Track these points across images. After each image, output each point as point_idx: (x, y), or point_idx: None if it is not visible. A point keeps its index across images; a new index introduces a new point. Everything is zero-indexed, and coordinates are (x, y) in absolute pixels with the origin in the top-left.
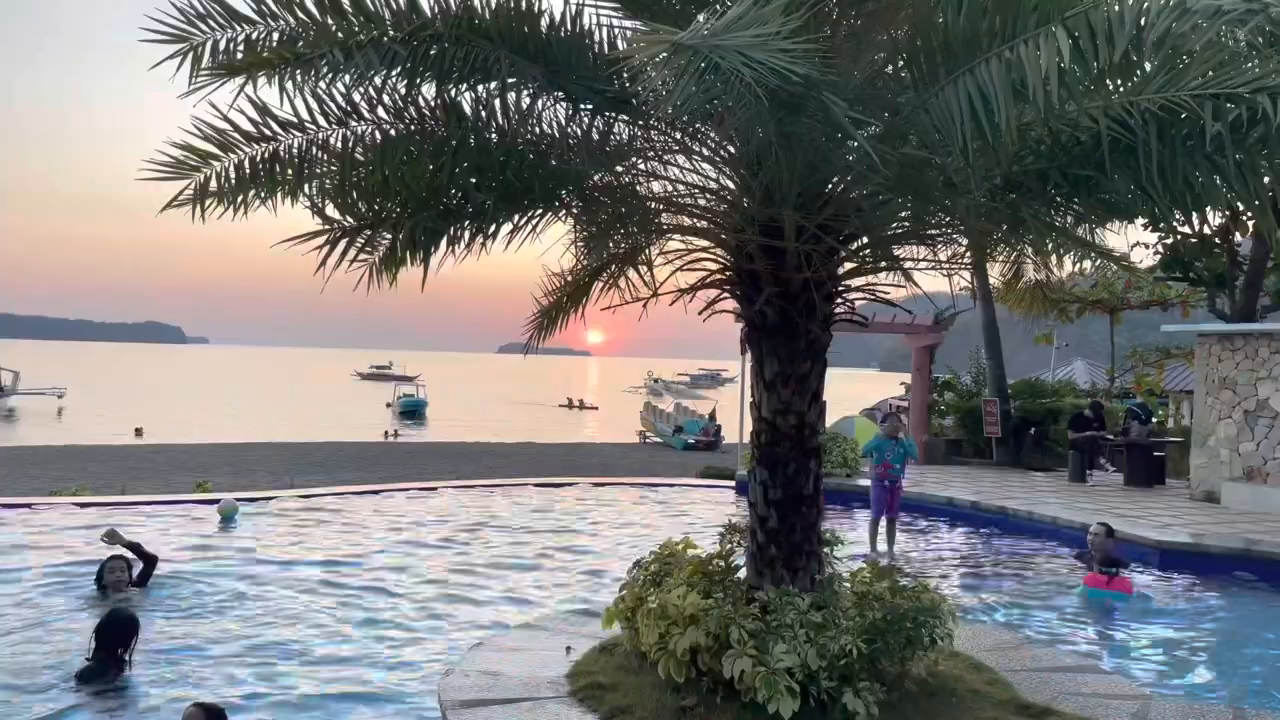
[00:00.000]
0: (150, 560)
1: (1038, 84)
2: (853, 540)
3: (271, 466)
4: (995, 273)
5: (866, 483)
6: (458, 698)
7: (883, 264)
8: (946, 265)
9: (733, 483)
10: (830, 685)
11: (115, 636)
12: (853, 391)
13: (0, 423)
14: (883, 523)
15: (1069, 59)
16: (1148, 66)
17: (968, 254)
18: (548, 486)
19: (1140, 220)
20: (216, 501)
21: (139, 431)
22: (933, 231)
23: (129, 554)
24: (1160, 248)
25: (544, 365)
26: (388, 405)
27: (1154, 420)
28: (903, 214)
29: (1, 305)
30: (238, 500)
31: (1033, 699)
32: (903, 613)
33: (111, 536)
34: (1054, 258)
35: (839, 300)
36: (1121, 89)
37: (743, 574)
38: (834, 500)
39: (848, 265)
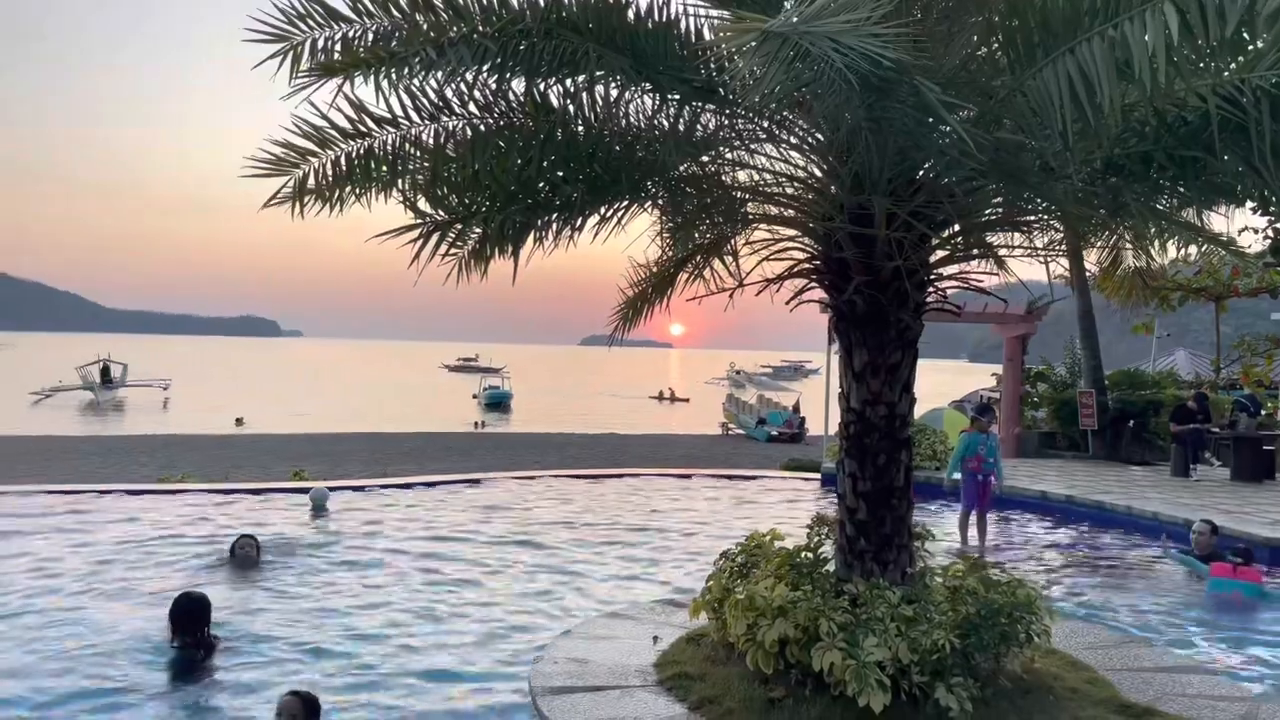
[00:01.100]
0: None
1: (1143, 62)
2: (943, 535)
3: (364, 456)
4: (1092, 260)
5: (957, 476)
6: (547, 684)
7: (975, 251)
8: (1041, 252)
9: (818, 475)
10: (922, 680)
11: (192, 618)
12: (941, 383)
13: (110, 413)
14: (973, 518)
15: (1177, 36)
16: (1260, 43)
17: (1064, 240)
18: (631, 477)
19: (1249, 203)
20: (308, 490)
21: (239, 421)
22: (1028, 217)
23: (258, 534)
24: (1270, 232)
25: (627, 357)
26: (474, 397)
27: (1263, 413)
28: (997, 200)
29: (109, 301)
30: (330, 489)
31: (1134, 699)
32: (997, 607)
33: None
34: (1155, 243)
35: (930, 288)
36: (1232, 66)
37: (831, 567)
38: (923, 494)
39: (939, 253)
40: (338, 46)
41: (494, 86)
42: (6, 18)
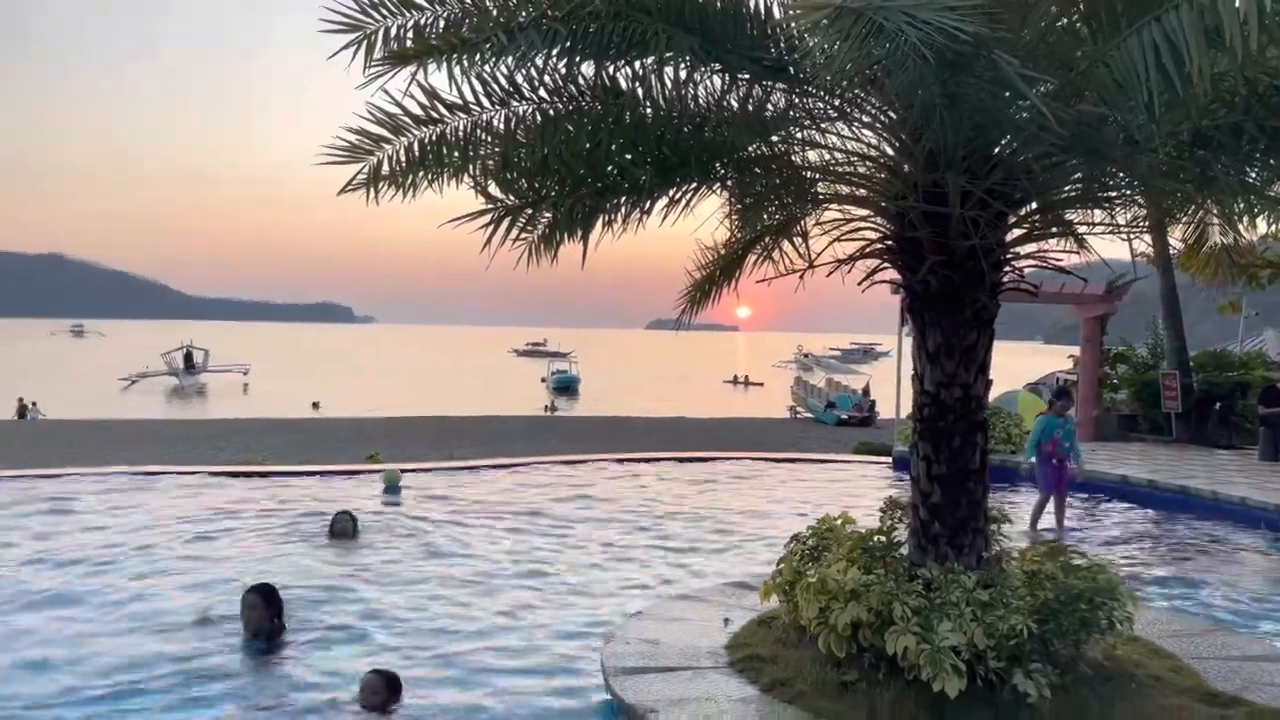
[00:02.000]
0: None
1: (1234, 29)
2: (1020, 519)
3: (436, 439)
4: (1176, 236)
5: (1034, 460)
6: (620, 665)
7: (1054, 229)
8: (1123, 229)
9: (889, 459)
10: (999, 666)
11: (269, 602)
12: (1015, 365)
13: (194, 398)
14: (1051, 505)
15: (1270, 0)
16: None
17: (1146, 217)
18: (699, 461)
19: None
20: (381, 471)
21: (315, 405)
22: (1109, 193)
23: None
24: None
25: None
26: (542, 381)
27: None
28: (1076, 176)
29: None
30: (404, 470)
31: (1220, 687)
32: (1077, 593)
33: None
34: (1244, 219)
35: (1007, 268)
36: None
37: (904, 550)
38: (998, 478)
39: (1016, 231)
40: (410, 34)
41: (563, 70)
42: (87, 13)
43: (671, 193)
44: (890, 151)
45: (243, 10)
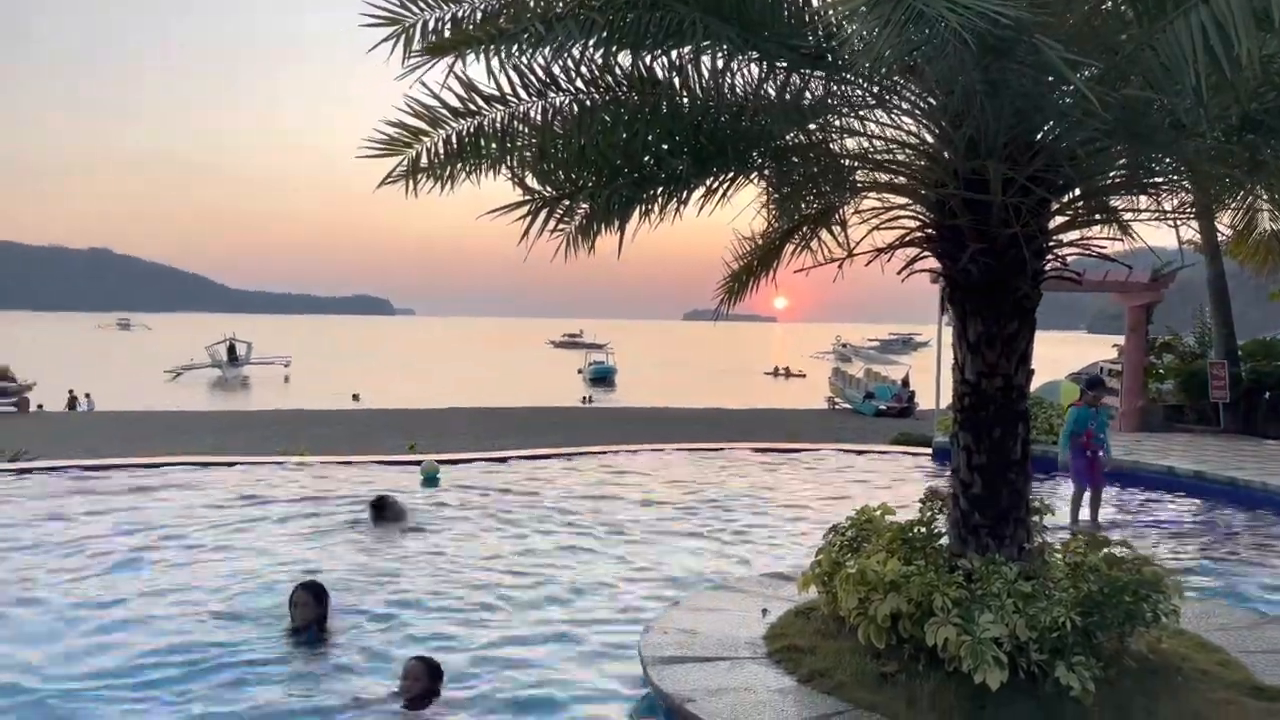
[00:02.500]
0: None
1: None
2: (1065, 511)
3: (474, 430)
4: (1224, 223)
5: (1066, 452)
6: (657, 654)
7: (1098, 216)
8: (1169, 216)
9: (929, 449)
10: (1041, 658)
11: (318, 599)
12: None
13: (237, 389)
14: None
15: None
16: None
17: (1194, 203)
18: (734, 450)
19: None
20: (419, 463)
21: (356, 397)
22: (1155, 179)
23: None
24: None
25: (730, 332)
26: (579, 372)
27: None
28: (1121, 161)
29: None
30: (443, 460)
31: (1270, 682)
32: (1121, 585)
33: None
34: None
35: (1049, 255)
36: None
37: (944, 541)
38: (1039, 469)
39: (1059, 218)
40: (448, 26)
41: (600, 61)
42: (132, 12)
43: (709, 182)
44: (930, 138)
45: (283, 6)
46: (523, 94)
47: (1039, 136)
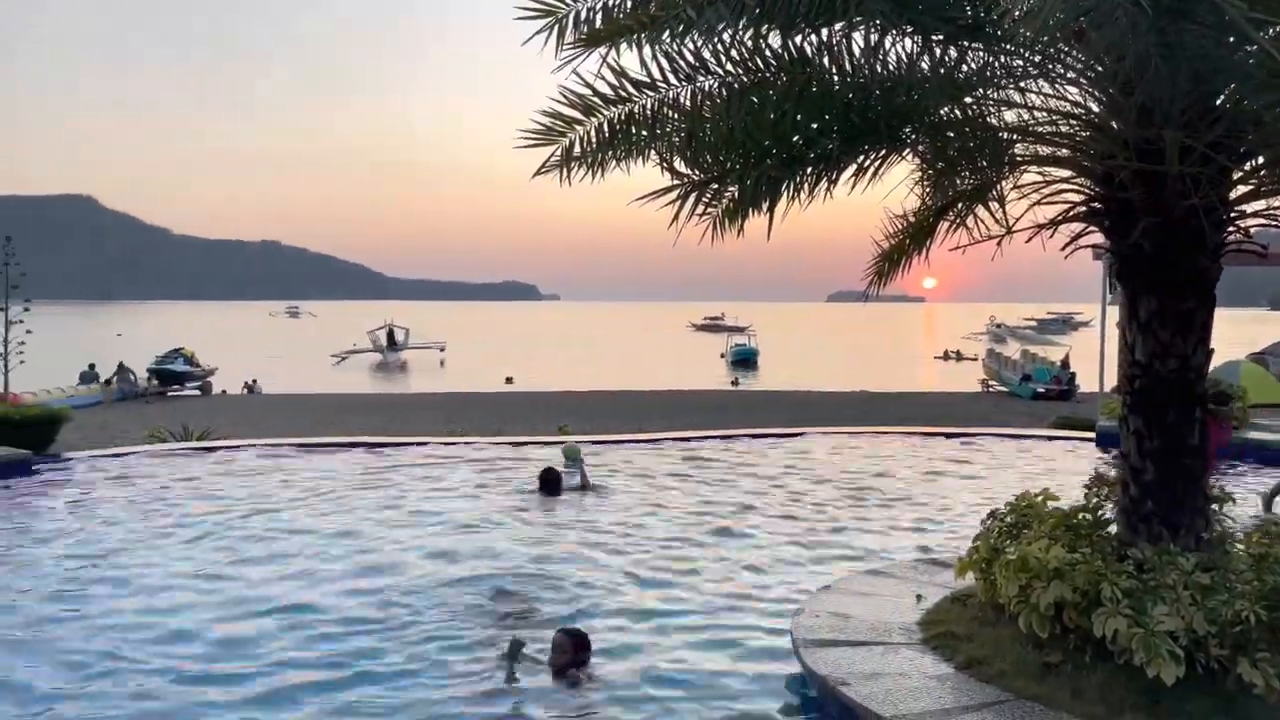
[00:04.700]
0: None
1: None
2: (1244, 499)
3: (619, 413)
4: None
5: (1258, 435)
6: (809, 637)
7: None
8: None
9: (1092, 434)
10: (1221, 653)
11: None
12: (1236, 334)
13: (396, 373)
14: None
15: None
16: None
17: None
18: (886, 434)
19: None
20: (562, 442)
21: (509, 380)
22: None
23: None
24: None
25: (877, 313)
26: (721, 355)
27: None
28: None
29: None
30: (593, 441)
31: None
32: None
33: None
34: None
35: (1230, 227)
36: None
37: (1112, 529)
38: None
39: (1241, 188)
40: (599, 16)
41: (750, 43)
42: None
43: (859, 160)
44: (1096, 107)
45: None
46: (672, 79)
47: (1219, 101)
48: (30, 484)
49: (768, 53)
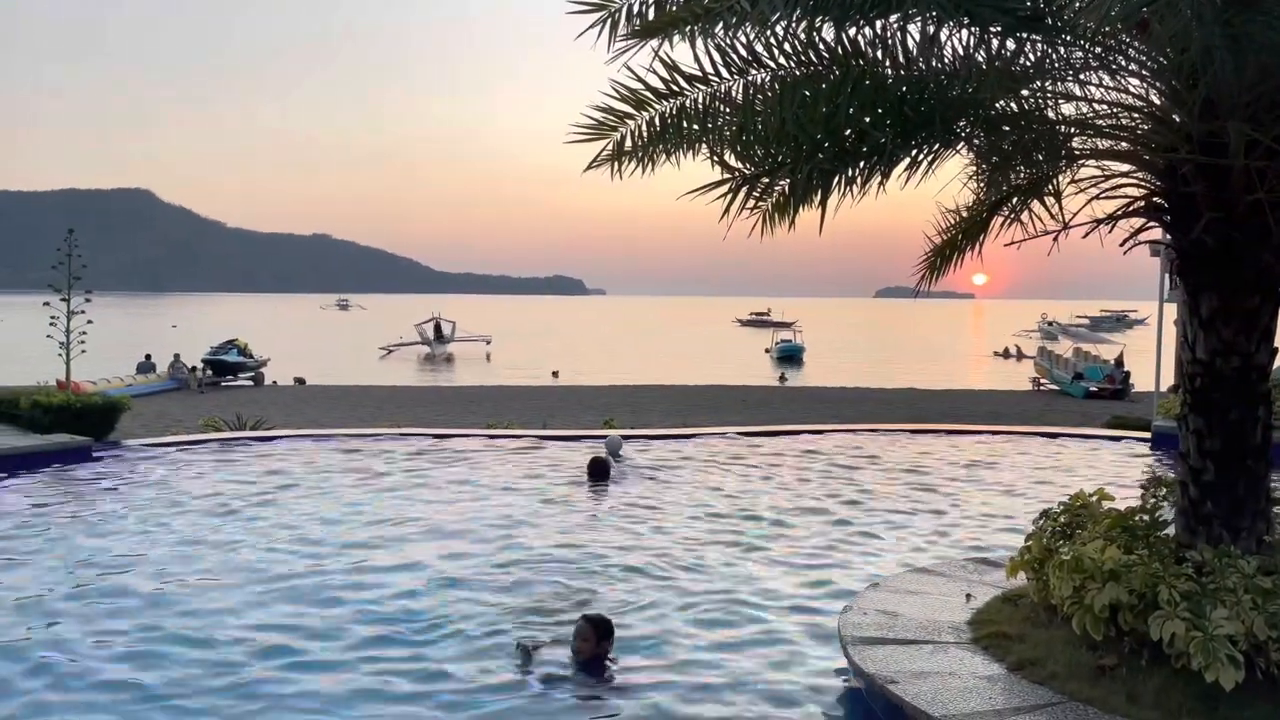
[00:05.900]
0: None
1: None
2: None
3: (664, 407)
4: None
5: None
6: (857, 634)
7: None
8: None
9: (1148, 434)
10: None
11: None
12: None
13: (443, 366)
14: None
15: None
16: None
17: None
18: (935, 431)
19: None
20: (604, 437)
21: (555, 374)
22: None
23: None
24: None
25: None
26: (766, 351)
27: None
28: None
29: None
30: (642, 436)
31: None
32: None
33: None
34: None
35: None
36: None
37: (1170, 531)
38: None
39: None
40: (651, 8)
41: (803, 36)
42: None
43: (913, 154)
44: (1158, 100)
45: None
46: (724, 72)
47: None
48: (90, 470)
49: (821, 45)
